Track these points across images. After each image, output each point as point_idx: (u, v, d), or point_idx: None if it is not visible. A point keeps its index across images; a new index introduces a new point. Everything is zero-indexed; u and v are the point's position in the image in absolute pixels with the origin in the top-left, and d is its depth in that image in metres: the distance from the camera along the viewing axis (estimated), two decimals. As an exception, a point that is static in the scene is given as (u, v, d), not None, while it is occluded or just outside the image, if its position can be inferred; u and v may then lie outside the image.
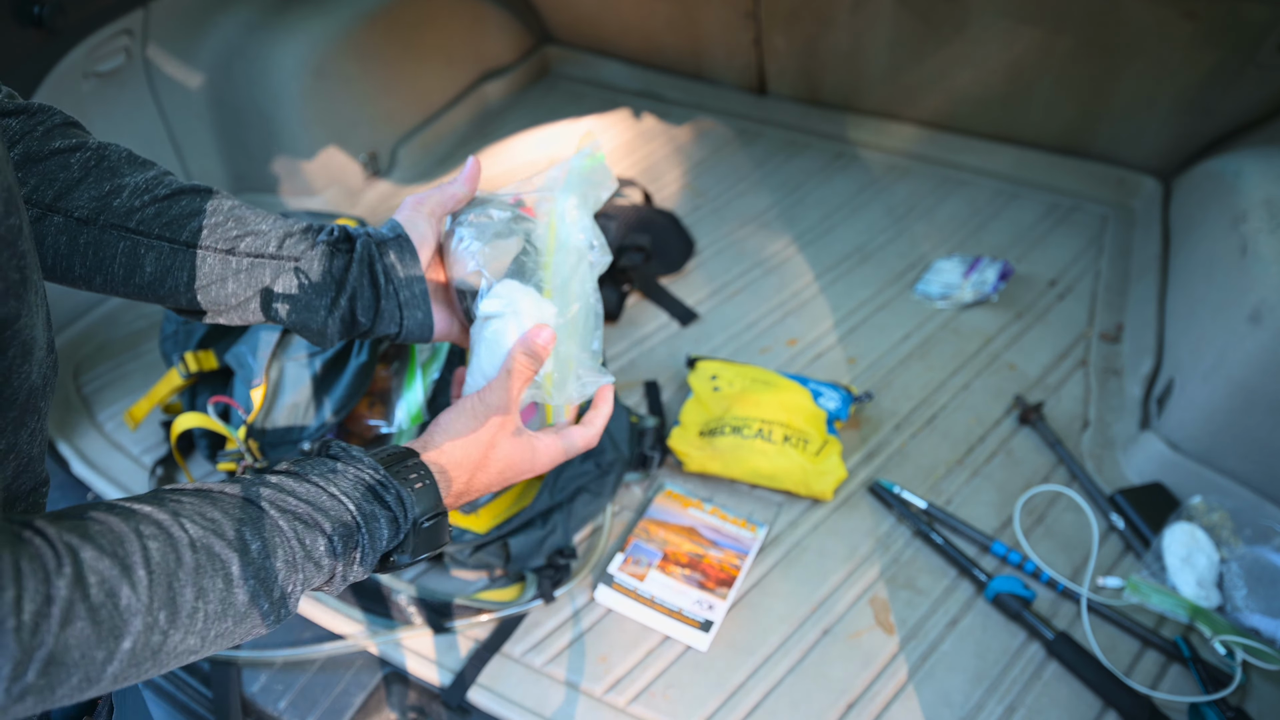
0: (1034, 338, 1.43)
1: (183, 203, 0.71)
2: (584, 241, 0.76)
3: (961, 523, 1.13)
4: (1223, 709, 0.91)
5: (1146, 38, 1.49)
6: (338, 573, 0.57)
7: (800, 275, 1.57)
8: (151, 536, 0.46)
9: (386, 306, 0.74)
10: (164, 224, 0.70)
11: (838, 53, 1.83)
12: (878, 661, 1.00)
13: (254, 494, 0.54)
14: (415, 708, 0.97)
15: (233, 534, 0.50)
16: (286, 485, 0.55)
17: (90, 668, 0.43)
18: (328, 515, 0.56)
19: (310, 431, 1.05)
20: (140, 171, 0.70)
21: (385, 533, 0.58)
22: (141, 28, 1.47)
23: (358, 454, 0.60)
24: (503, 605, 1.04)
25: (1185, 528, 1.06)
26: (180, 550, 0.47)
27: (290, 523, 0.54)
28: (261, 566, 0.51)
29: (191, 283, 0.71)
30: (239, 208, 0.73)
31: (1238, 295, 1.12)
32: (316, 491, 0.56)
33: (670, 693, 0.97)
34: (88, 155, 0.68)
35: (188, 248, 0.70)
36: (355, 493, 0.58)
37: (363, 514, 0.57)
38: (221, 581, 0.49)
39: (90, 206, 0.68)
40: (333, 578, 0.57)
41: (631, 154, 1.92)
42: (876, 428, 1.28)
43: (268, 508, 0.54)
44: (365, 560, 0.58)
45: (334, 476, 0.58)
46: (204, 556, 0.48)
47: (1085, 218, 1.68)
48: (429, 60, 1.95)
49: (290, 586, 0.53)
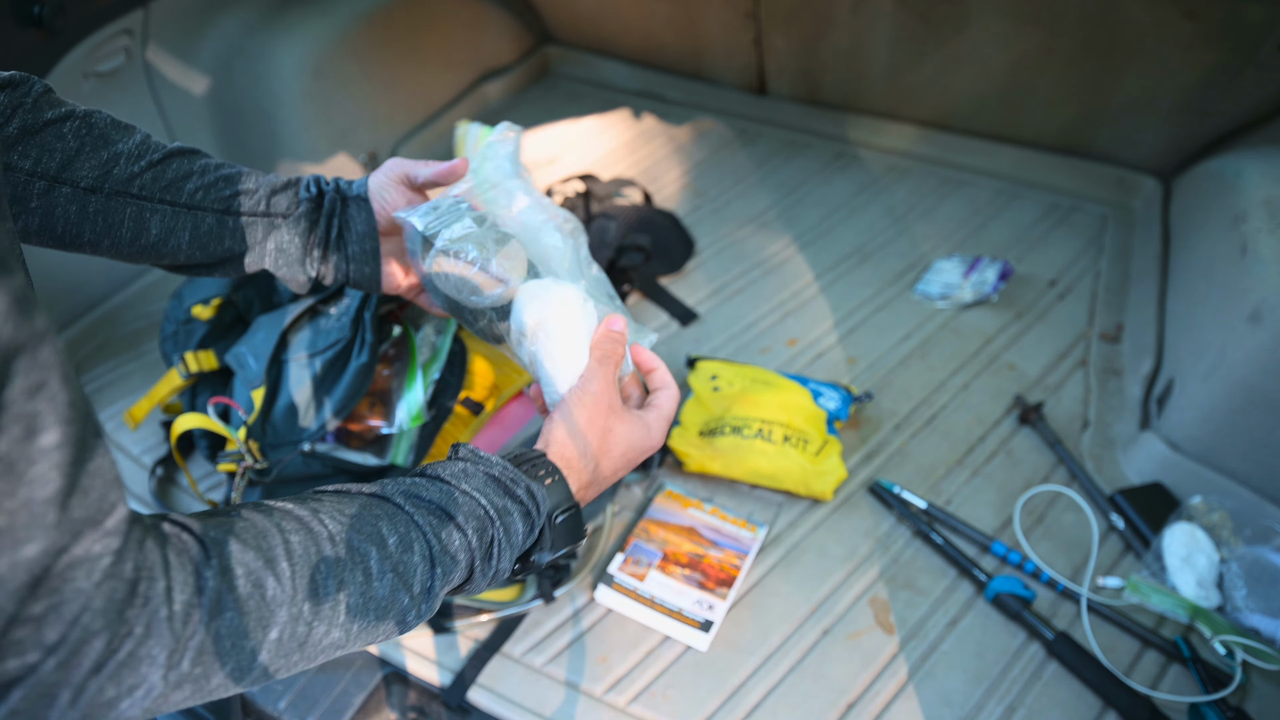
0: (1034, 338, 1.43)
1: (174, 165, 0.76)
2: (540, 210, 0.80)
3: (961, 523, 1.13)
4: (1223, 709, 0.91)
5: (1146, 38, 1.49)
6: (476, 569, 0.57)
7: (800, 275, 1.57)
8: (293, 531, 0.47)
9: (335, 258, 0.80)
10: (163, 187, 0.75)
11: (838, 53, 1.83)
12: (878, 661, 1.00)
13: (388, 491, 0.55)
14: (415, 708, 0.97)
15: (369, 528, 0.51)
16: (419, 484, 0.57)
17: (241, 657, 0.44)
18: (460, 509, 0.56)
19: (311, 432, 1.05)
20: (126, 136, 0.75)
21: (520, 527, 0.59)
22: (141, 28, 1.47)
23: (485, 455, 0.61)
24: (503, 605, 1.04)
25: (1185, 528, 1.06)
26: (320, 543, 0.48)
27: (425, 517, 0.55)
28: (399, 560, 0.52)
29: (193, 241, 0.77)
30: (224, 166, 0.79)
31: (1238, 295, 1.12)
32: (448, 489, 0.57)
33: (670, 693, 0.97)
34: (77, 124, 0.72)
35: (188, 209, 0.76)
36: (487, 489, 0.58)
37: (495, 508, 0.58)
38: (361, 574, 0.50)
39: (93, 175, 0.72)
40: (472, 574, 0.57)
41: (631, 154, 1.92)
42: (876, 428, 1.28)
43: (403, 503, 0.55)
44: (503, 556, 0.58)
45: (464, 476, 0.58)
46: (343, 549, 0.49)
47: (1085, 218, 1.68)
48: (429, 60, 1.95)
49: (430, 581, 0.54)
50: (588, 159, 1.91)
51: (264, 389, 1.06)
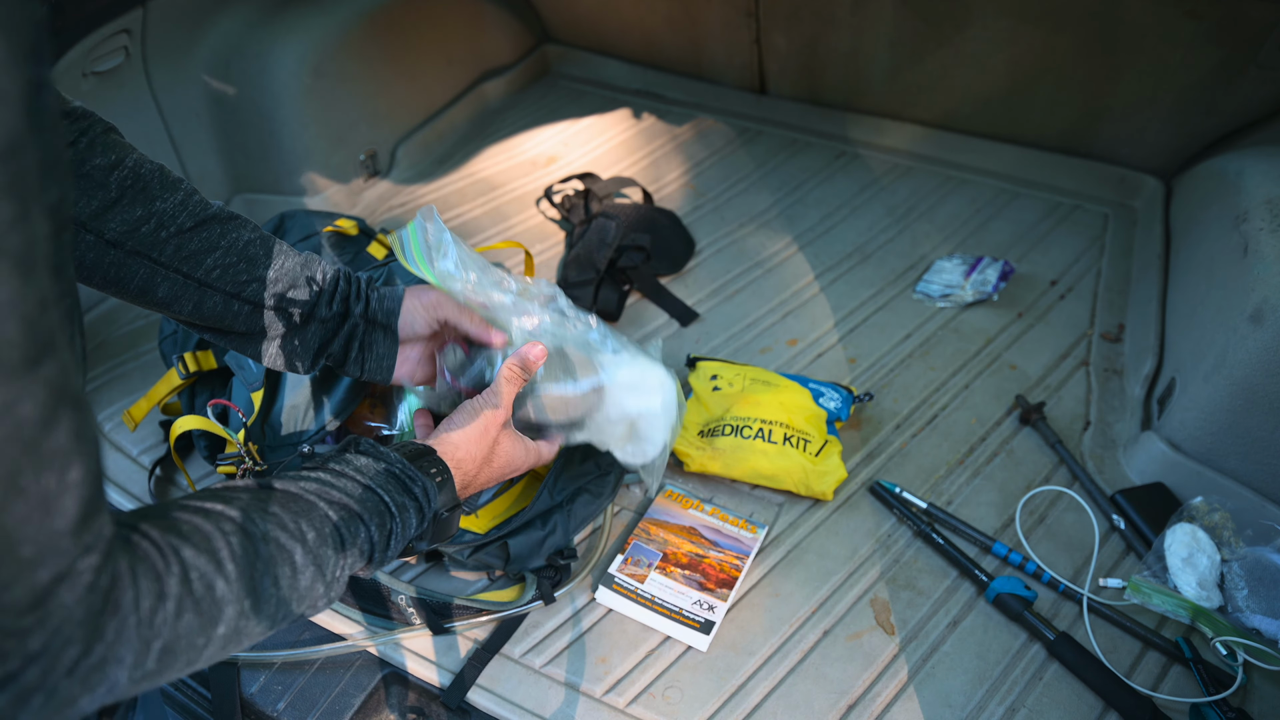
0: (1035, 338, 1.42)
1: (203, 236, 0.78)
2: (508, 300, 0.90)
3: (962, 523, 1.13)
4: (1224, 710, 0.90)
5: (1148, 37, 1.48)
6: (375, 558, 0.63)
7: (801, 275, 1.57)
8: (231, 533, 0.51)
9: (346, 367, 0.88)
10: (183, 258, 0.77)
11: (838, 52, 1.83)
12: (878, 662, 0.99)
13: (302, 488, 0.60)
14: (414, 708, 0.97)
15: (292, 526, 0.56)
16: (326, 480, 0.62)
17: (193, 652, 0.47)
18: (366, 507, 0.62)
19: (310, 434, 1.05)
20: (170, 194, 0.76)
21: (414, 521, 0.66)
22: (140, 27, 1.47)
23: (384, 451, 0.67)
24: (502, 606, 1.03)
25: (1186, 528, 1.06)
26: (256, 544, 0.52)
27: (337, 513, 0.60)
28: (318, 554, 0.57)
29: (196, 311, 0.80)
30: (253, 244, 0.81)
31: (1239, 295, 1.12)
32: (354, 485, 0.63)
33: (670, 693, 0.97)
34: (125, 174, 0.74)
35: (200, 285, 0.78)
36: (389, 485, 0.64)
37: (396, 505, 0.64)
38: (289, 569, 0.55)
39: (120, 230, 0.74)
40: (370, 561, 0.63)
41: (632, 153, 1.92)
42: (877, 428, 1.28)
43: (316, 500, 0.59)
44: (396, 545, 0.64)
45: (367, 472, 0.64)
46: (274, 548, 0.54)
47: (1086, 217, 1.67)
48: (428, 59, 1.95)
49: (339, 570, 0.59)
50: (588, 158, 1.91)
51: (263, 390, 1.06)
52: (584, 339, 0.90)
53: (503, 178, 1.87)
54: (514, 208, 1.78)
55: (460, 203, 1.80)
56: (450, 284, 0.88)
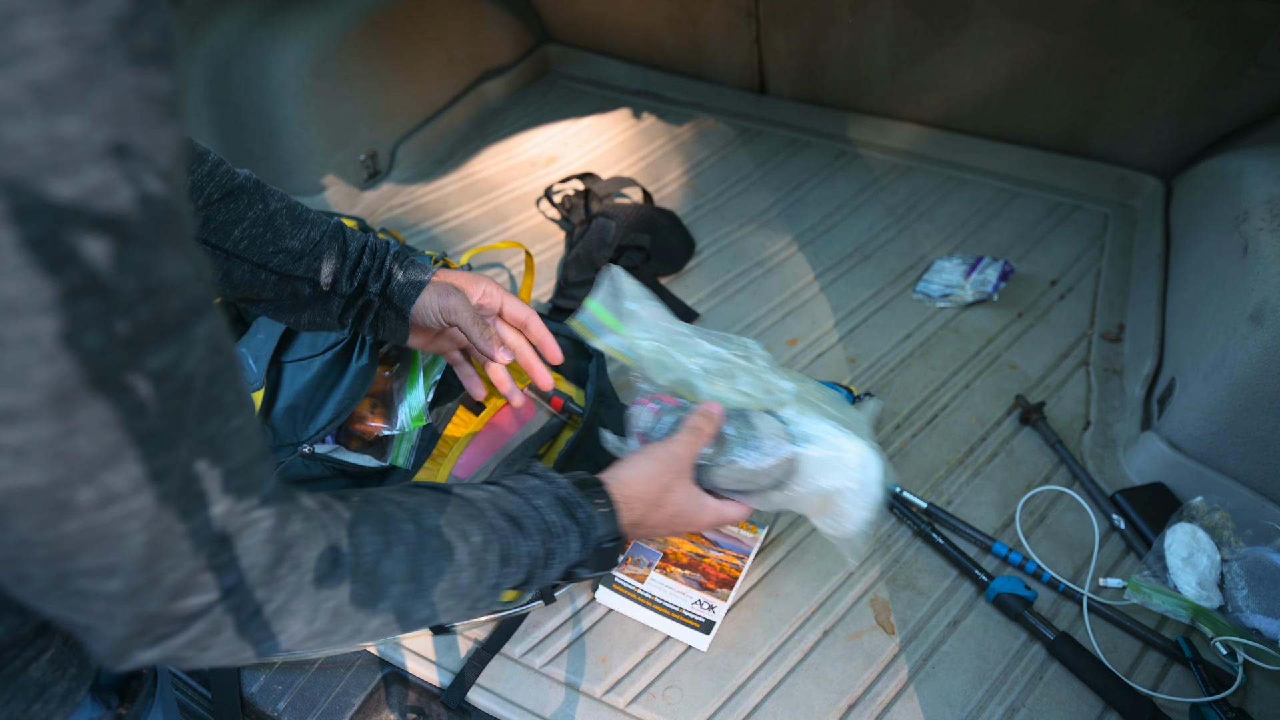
0: (1035, 337, 1.42)
1: (231, 207, 0.80)
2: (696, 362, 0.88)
3: (962, 523, 1.13)
4: (1224, 710, 0.90)
5: (1148, 37, 1.48)
6: (535, 575, 0.65)
7: (801, 275, 1.57)
8: (405, 521, 0.55)
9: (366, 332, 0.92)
10: (212, 229, 0.79)
11: (838, 52, 1.83)
12: (879, 662, 0.99)
13: (474, 496, 0.63)
14: (414, 708, 0.97)
15: (460, 526, 0.59)
16: (499, 494, 0.65)
17: (359, 622, 0.51)
18: (531, 522, 0.65)
19: (310, 434, 1.05)
20: (199, 165, 0.79)
21: (575, 545, 0.67)
22: (141, 27, 1.47)
23: (554, 475, 0.70)
24: (503, 606, 1.03)
25: (1186, 528, 1.06)
26: (425, 536, 0.56)
27: (504, 523, 0.63)
28: (480, 558, 0.60)
29: (223, 280, 0.82)
30: (279, 214, 0.83)
31: (1239, 295, 1.12)
32: (522, 502, 0.65)
33: (670, 693, 0.97)
34: None
35: (228, 255, 0.80)
36: (555, 507, 0.67)
37: (560, 527, 0.66)
38: (451, 565, 0.58)
39: None
40: (529, 579, 0.65)
41: (632, 153, 1.92)
42: (877, 428, 1.28)
43: (485, 508, 0.62)
44: (556, 566, 0.67)
45: (536, 493, 0.67)
46: (439, 542, 0.57)
47: (1086, 217, 1.67)
48: (428, 59, 1.95)
49: (499, 579, 0.62)
50: (588, 158, 1.91)
51: (263, 391, 1.06)
52: (780, 404, 0.87)
53: (503, 178, 1.87)
54: (514, 208, 1.78)
55: (460, 203, 1.80)
56: (639, 350, 0.88)
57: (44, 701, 0.49)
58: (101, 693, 0.57)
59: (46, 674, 0.49)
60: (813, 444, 0.82)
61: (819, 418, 0.84)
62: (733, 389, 0.86)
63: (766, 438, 0.82)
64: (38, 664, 0.49)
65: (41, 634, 0.49)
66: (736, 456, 0.81)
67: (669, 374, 0.87)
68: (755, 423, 0.83)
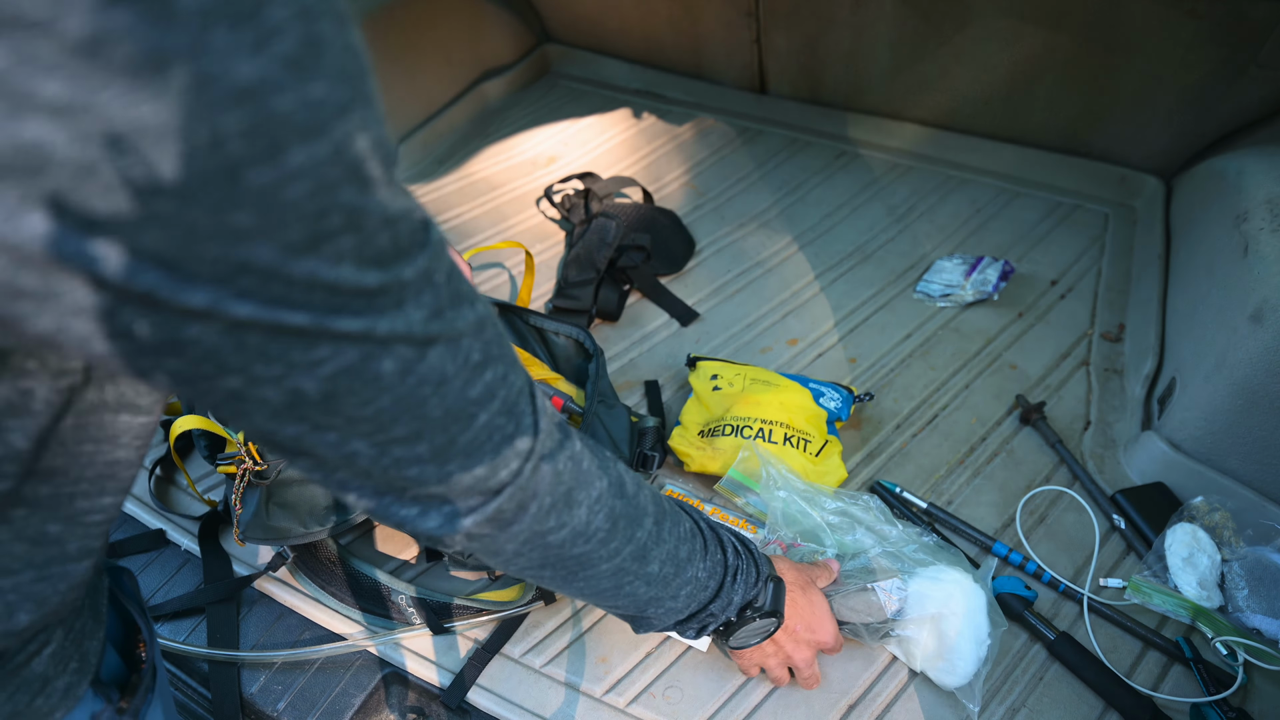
0: (1035, 337, 1.42)
1: None
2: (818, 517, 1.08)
3: (963, 523, 1.13)
4: (1224, 710, 0.90)
5: (1149, 36, 1.48)
6: (724, 582, 0.76)
7: (801, 275, 1.57)
8: (622, 473, 0.63)
9: None
10: None
11: (839, 52, 1.83)
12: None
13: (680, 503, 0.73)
14: (414, 708, 0.97)
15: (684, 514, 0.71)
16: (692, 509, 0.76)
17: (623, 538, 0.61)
18: (724, 535, 0.77)
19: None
20: None
21: (752, 575, 0.79)
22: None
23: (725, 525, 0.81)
24: (502, 606, 1.03)
25: (1187, 528, 1.06)
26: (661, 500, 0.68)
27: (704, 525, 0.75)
28: (676, 560, 0.68)
29: None
30: None
31: (1240, 295, 1.11)
32: (712, 521, 0.77)
33: (670, 693, 0.97)
34: None
35: None
36: (737, 540, 0.79)
37: (743, 553, 0.78)
38: (676, 531, 0.68)
39: None
40: (720, 588, 0.76)
41: (632, 153, 1.92)
42: (877, 428, 1.28)
43: (688, 512, 0.73)
44: (738, 585, 0.77)
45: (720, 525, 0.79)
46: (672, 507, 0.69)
47: (1087, 217, 1.67)
48: (428, 59, 1.95)
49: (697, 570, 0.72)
50: (588, 158, 1.91)
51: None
52: (893, 544, 1.03)
53: (502, 177, 1.87)
54: (514, 207, 1.78)
55: (460, 202, 1.80)
56: (791, 508, 1.07)
57: (46, 695, 0.49)
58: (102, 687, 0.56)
59: (49, 668, 0.49)
60: (918, 577, 0.97)
61: (928, 555, 1.02)
62: (853, 538, 1.04)
63: (879, 571, 0.98)
64: (40, 658, 0.49)
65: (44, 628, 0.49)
66: (850, 589, 0.95)
67: (796, 525, 1.06)
68: (871, 561, 1.01)
